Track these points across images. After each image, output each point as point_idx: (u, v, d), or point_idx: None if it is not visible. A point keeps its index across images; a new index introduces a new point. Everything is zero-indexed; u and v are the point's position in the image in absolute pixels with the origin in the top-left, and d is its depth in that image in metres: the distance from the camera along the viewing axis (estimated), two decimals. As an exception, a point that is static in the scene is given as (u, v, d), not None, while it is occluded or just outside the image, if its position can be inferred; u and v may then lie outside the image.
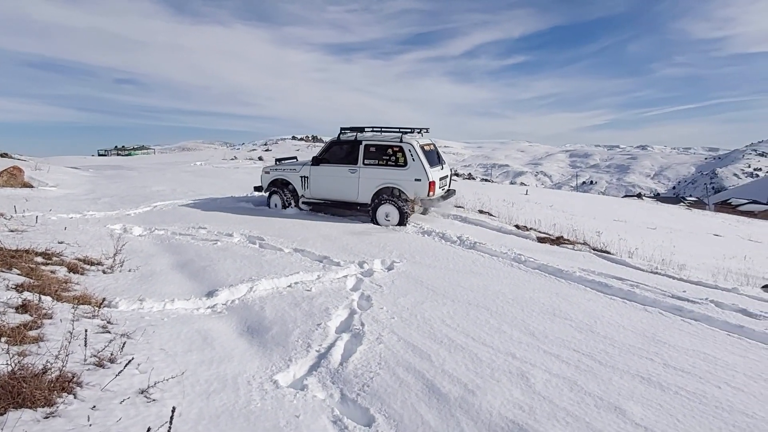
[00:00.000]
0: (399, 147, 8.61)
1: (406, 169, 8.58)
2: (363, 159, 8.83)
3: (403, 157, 8.58)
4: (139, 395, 2.65)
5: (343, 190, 9.13)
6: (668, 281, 6.13)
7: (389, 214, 8.68)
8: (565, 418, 2.73)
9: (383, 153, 8.74)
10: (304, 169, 9.47)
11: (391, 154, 8.69)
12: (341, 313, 4.36)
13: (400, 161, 8.63)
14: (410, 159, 8.53)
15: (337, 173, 9.09)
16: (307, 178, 9.42)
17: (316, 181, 9.35)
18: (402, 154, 8.59)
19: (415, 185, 8.55)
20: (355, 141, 8.92)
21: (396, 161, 8.66)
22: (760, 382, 3.28)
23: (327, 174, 9.22)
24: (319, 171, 9.29)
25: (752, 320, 4.53)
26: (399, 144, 8.60)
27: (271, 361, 3.40)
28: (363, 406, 2.86)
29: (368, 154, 8.82)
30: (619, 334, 4.06)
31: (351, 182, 8.96)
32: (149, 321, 3.89)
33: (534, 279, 5.73)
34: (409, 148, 8.54)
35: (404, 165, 8.58)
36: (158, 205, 10.18)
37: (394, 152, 8.66)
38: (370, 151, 8.81)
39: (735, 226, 23.42)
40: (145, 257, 5.99)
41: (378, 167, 8.77)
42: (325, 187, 9.32)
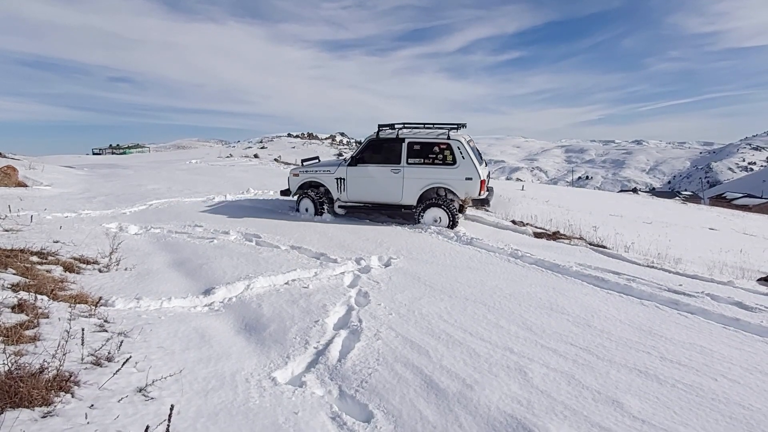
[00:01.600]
0: (446, 144, 8.12)
1: (456, 167, 8.10)
2: (407, 158, 8.26)
3: (451, 154, 8.10)
4: (138, 393, 2.64)
5: (385, 192, 8.50)
6: (664, 275, 6.15)
7: (439, 217, 8.26)
8: (563, 412, 2.74)
9: (429, 151, 8.21)
10: (339, 171, 8.72)
11: (437, 152, 8.18)
12: (339, 309, 4.36)
13: (447, 159, 8.14)
14: (459, 156, 8.07)
15: (378, 174, 8.45)
16: (344, 180, 8.68)
17: (354, 182, 8.64)
18: (450, 151, 8.11)
19: (466, 184, 8.11)
20: (397, 138, 8.32)
21: (443, 159, 8.16)
22: (756, 374, 3.30)
23: (366, 175, 8.53)
24: (357, 172, 8.59)
25: (748, 313, 4.55)
26: (446, 141, 8.12)
27: (269, 358, 3.40)
28: (361, 402, 2.86)
29: (412, 153, 8.25)
30: (616, 328, 4.08)
31: (394, 183, 8.37)
32: (146, 319, 3.88)
33: (531, 274, 5.74)
34: (458, 145, 8.08)
35: (453, 163, 8.11)
36: (154, 204, 10.15)
37: (441, 150, 8.16)
38: (414, 149, 8.25)
39: (730, 219, 23.53)
40: (141, 256, 5.97)
41: (424, 166, 8.24)
42: (365, 189, 8.64)
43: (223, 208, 9.74)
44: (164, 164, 22.82)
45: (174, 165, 22.00)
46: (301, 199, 9.15)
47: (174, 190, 12.50)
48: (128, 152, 57.09)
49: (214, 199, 11.04)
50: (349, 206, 8.89)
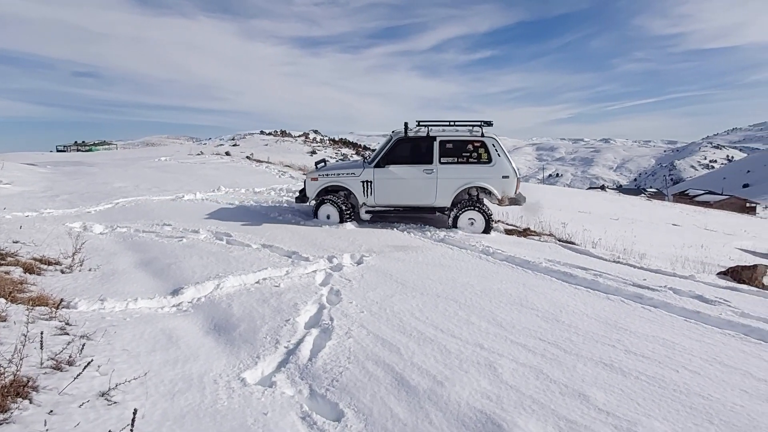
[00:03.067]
0: (481, 142, 7.91)
1: (492, 165, 7.92)
2: (439, 157, 7.96)
3: (486, 152, 7.92)
4: (100, 398, 2.56)
5: (417, 194, 8.12)
6: (630, 270, 6.32)
7: (475, 218, 8.05)
8: (531, 406, 2.78)
9: (463, 149, 7.95)
10: (366, 173, 8.17)
11: (471, 150, 7.95)
12: (310, 308, 4.33)
13: (483, 157, 7.94)
14: (495, 154, 7.90)
15: (409, 175, 8.04)
16: (371, 183, 8.14)
17: (383, 185, 8.13)
18: (485, 149, 7.91)
19: (503, 183, 7.96)
20: (428, 137, 7.98)
21: (478, 157, 7.95)
22: (715, 365, 3.42)
23: (396, 176, 8.07)
24: (385, 174, 8.09)
25: (708, 306, 4.71)
26: (481, 138, 7.92)
27: (238, 358, 3.35)
28: (332, 401, 2.85)
29: (445, 151, 7.95)
30: (583, 322, 4.16)
31: (427, 184, 8.02)
32: (110, 321, 3.77)
33: (502, 270, 5.82)
34: (493, 143, 7.92)
35: (488, 161, 7.92)
36: (120, 202, 9.89)
37: (475, 148, 7.93)
38: (447, 148, 7.95)
39: (692, 216, 24.36)
40: (106, 256, 5.81)
41: (459, 165, 7.96)
42: (395, 192, 8.15)
43: (192, 207, 9.55)
44: (132, 162, 22.24)
45: (142, 162, 21.46)
46: (320, 206, 8.40)
47: (142, 188, 12.20)
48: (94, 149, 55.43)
49: (184, 198, 10.83)
50: (376, 211, 8.40)
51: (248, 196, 11.79)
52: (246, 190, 12.62)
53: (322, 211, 8.40)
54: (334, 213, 8.32)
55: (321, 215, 8.41)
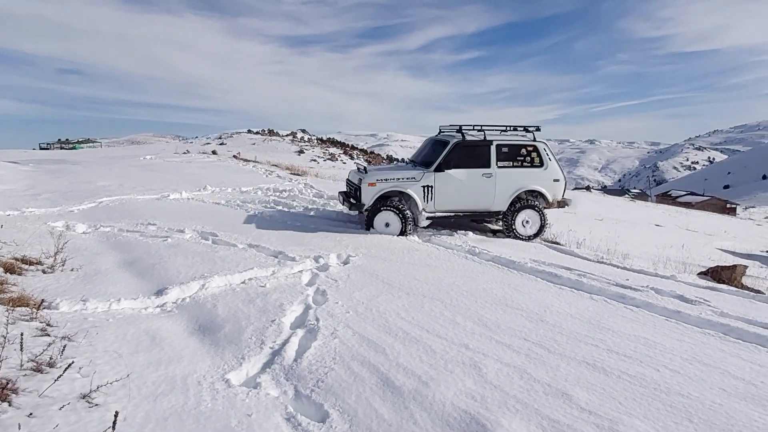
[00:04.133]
0: (533, 146, 8.05)
1: (545, 169, 8.08)
2: (497, 161, 7.94)
3: (539, 156, 8.06)
4: (81, 400, 2.53)
5: (475, 199, 7.98)
6: (613, 270, 6.41)
7: (530, 220, 8.17)
8: (515, 406, 2.81)
9: (517, 153, 8.02)
10: (426, 177, 7.77)
11: (525, 155, 8.05)
12: (296, 308, 4.32)
13: (535, 162, 8.07)
14: (546, 158, 8.07)
15: (469, 179, 7.86)
16: (431, 188, 7.78)
17: (444, 190, 7.82)
18: (537, 153, 8.06)
19: (554, 186, 8.16)
20: (485, 141, 7.92)
21: (531, 162, 8.07)
22: (695, 364, 3.48)
23: (456, 181, 7.82)
24: (445, 178, 7.79)
25: (688, 305, 4.80)
26: (533, 143, 8.05)
27: (223, 359, 3.33)
28: (317, 402, 2.84)
29: (501, 156, 7.95)
30: (567, 322, 4.21)
31: (486, 188, 7.92)
32: (93, 322, 3.72)
33: (487, 270, 5.85)
34: (544, 147, 8.08)
35: (540, 165, 8.07)
36: (104, 201, 9.76)
37: (528, 152, 8.05)
38: (503, 152, 7.96)
39: (674, 216, 24.74)
40: (89, 255, 5.73)
41: (514, 169, 8.00)
42: (454, 197, 7.90)
43: (178, 206, 9.46)
44: (116, 160, 21.94)
45: (127, 161, 21.19)
46: (378, 213, 7.70)
47: (126, 187, 12.04)
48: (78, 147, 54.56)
49: (169, 197, 10.71)
50: (437, 217, 8.01)
51: (235, 195, 11.72)
52: (233, 189, 12.54)
53: (381, 218, 7.72)
54: (395, 221, 7.69)
55: (378, 224, 7.73)
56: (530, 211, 8.12)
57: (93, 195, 10.39)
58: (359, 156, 37.65)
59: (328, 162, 31.80)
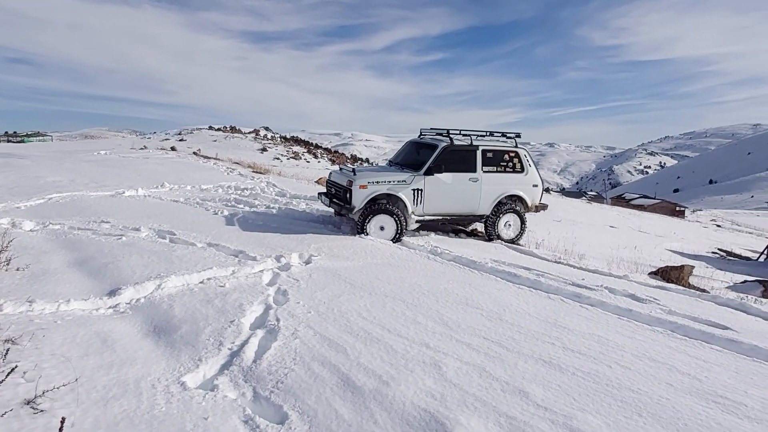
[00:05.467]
0: (515, 152, 8.31)
1: (526, 175, 8.37)
2: (482, 166, 8.09)
3: (520, 162, 8.32)
4: (25, 406, 2.41)
5: (462, 203, 8.11)
6: (569, 270, 6.60)
7: (511, 224, 8.44)
8: (474, 404, 2.85)
9: (500, 159, 8.24)
10: (417, 181, 7.72)
11: (507, 160, 8.28)
12: (256, 308, 4.24)
13: (517, 167, 8.33)
14: (527, 164, 8.34)
15: (457, 183, 7.96)
16: (421, 192, 7.76)
17: (433, 194, 7.83)
18: (518, 159, 8.32)
19: (533, 191, 8.46)
20: (471, 146, 8.07)
21: (513, 167, 8.32)
22: (645, 361, 3.63)
23: (444, 185, 7.87)
24: (436, 181, 7.81)
25: (639, 304, 4.99)
26: (515, 149, 8.32)
27: (179, 361, 3.23)
28: (276, 403, 2.80)
29: (486, 161, 8.13)
30: (525, 321, 4.31)
31: (472, 192, 8.07)
32: (39, 324, 3.55)
33: (449, 270, 5.92)
34: (525, 154, 8.36)
35: (522, 170, 8.35)
36: (54, 197, 9.31)
37: (510, 158, 8.29)
38: (488, 157, 8.15)
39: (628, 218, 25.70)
40: (36, 254, 5.46)
41: (498, 174, 8.22)
42: (442, 201, 7.95)
43: (134, 204, 9.15)
44: (68, 155, 21.00)
45: (79, 156, 20.32)
46: (372, 217, 7.44)
47: (78, 183, 11.54)
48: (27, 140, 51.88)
49: (125, 194, 10.34)
50: (425, 221, 8.02)
51: (194, 193, 11.42)
52: (192, 186, 12.21)
53: (375, 223, 7.47)
54: (390, 225, 7.51)
55: (372, 229, 7.46)
56: (512, 215, 8.39)
57: (42, 191, 9.91)
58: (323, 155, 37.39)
59: (291, 160, 31.44)
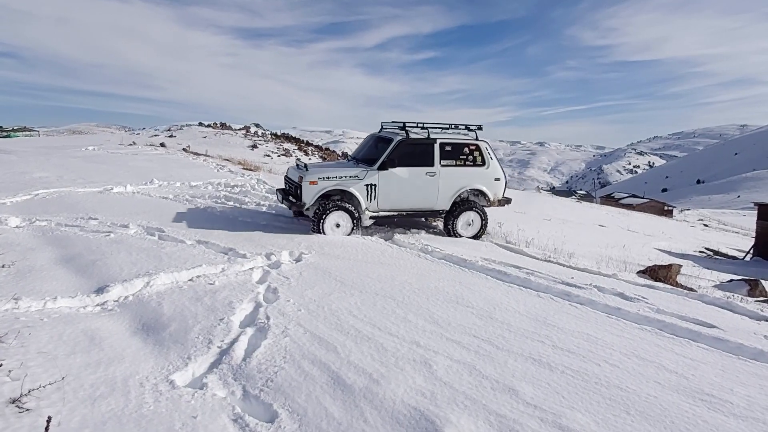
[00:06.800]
0: (476, 145, 7.99)
1: (487, 168, 8.07)
2: (439, 159, 7.79)
3: (481, 156, 8.02)
4: (10, 405, 2.38)
5: (419, 198, 7.82)
6: (559, 268, 6.63)
7: (473, 221, 8.16)
8: (464, 402, 2.86)
9: (460, 152, 7.92)
10: (370, 176, 7.46)
11: (467, 153, 7.97)
12: (246, 306, 4.22)
13: (478, 161, 8.02)
14: (488, 158, 8.04)
15: (414, 178, 7.68)
16: (375, 187, 7.49)
17: (388, 189, 7.57)
18: (479, 152, 8.01)
19: (495, 185, 8.18)
20: (429, 139, 7.75)
21: (474, 161, 8.01)
22: (633, 359, 3.66)
23: (400, 180, 7.60)
24: (390, 176, 7.54)
25: (628, 303, 5.03)
26: (475, 142, 8.00)
27: (167, 360, 3.21)
28: (266, 401, 2.79)
29: (444, 154, 7.82)
30: (515, 319, 4.33)
31: (429, 187, 7.79)
32: (25, 322, 3.51)
33: (439, 269, 5.93)
34: (486, 146, 8.06)
35: (483, 164, 8.05)
36: (41, 193, 9.20)
37: (470, 151, 7.98)
38: (446, 151, 7.83)
39: (617, 217, 25.93)
40: (22, 251, 5.39)
41: (457, 168, 7.92)
42: (398, 196, 7.68)
43: (122, 200, 9.06)
44: (56, 150, 20.74)
45: (67, 151, 20.07)
46: (328, 214, 7.19)
47: (66, 179, 11.40)
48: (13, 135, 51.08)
49: (113, 190, 10.23)
50: (380, 217, 7.73)
51: (184, 189, 11.33)
52: (181, 183, 12.11)
53: (331, 220, 7.23)
54: (346, 222, 7.33)
55: (328, 226, 7.22)
56: (472, 210, 8.14)
57: (28, 187, 9.78)
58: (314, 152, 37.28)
59: (282, 158, 31.28)
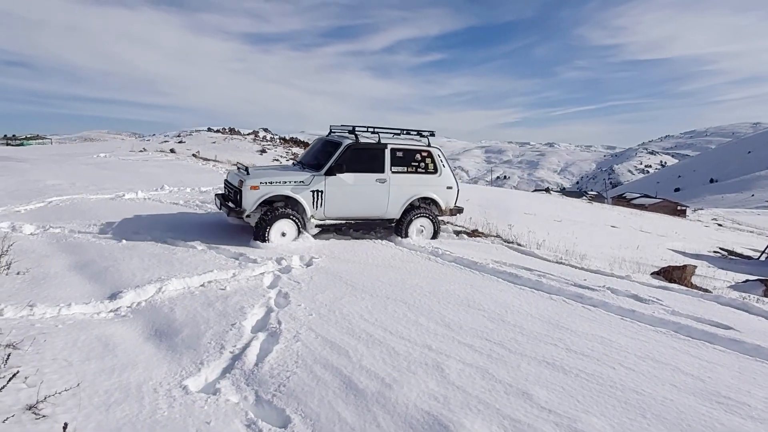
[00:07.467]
0: (428, 152, 7.71)
1: (439, 176, 7.79)
2: (390, 166, 7.42)
3: (433, 162, 7.73)
4: (26, 412, 2.40)
5: (368, 205, 7.42)
6: (571, 270, 6.58)
7: (424, 228, 7.80)
8: (477, 406, 2.84)
9: (411, 158, 7.60)
10: (316, 181, 6.99)
11: (419, 160, 7.66)
12: (257, 311, 4.23)
13: (429, 168, 7.73)
14: (440, 165, 7.77)
15: (362, 184, 7.27)
16: (322, 193, 7.04)
17: (335, 196, 7.12)
18: (431, 159, 7.71)
19: (447, 194, 7.91)
20: (379, 144, 7.38)
21: (426, 167, 7.71)
22: (648, 362, 3.61)
23: (348, 186, 7.18)
24: (337, 182, 7.09)
25: (642, 305, 4.98)
26: (428, 149, 7.72)
27: (180, 365, 3.22)
28: (278, 407, 2.79)
29: (395, 160, 7.46)
30: (527, 322, 4.29)
31: (379, 194, 7.40)
32: (40, 329, 3.54)
33: (450, 272, 5.91)
34: (438, 153, 7.77)
35: (435, 171, 7.76)
36: (54, 201, 9.31)
37: (423, 158, 7.67)
38: (398, 157, 7.49)
39: (629, 218, 25.69)
40: (37, 258, 5.45)
41: (409, 175, 7.58)
42: (346, 203, 7.26)
43: (133, 206, 9.13)
44: (68, 157, 21.00)
45: (79, 158, 20.32)
46: (273, 222, 6.66)
47: (78, 186, 11.53)
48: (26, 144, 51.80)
49: (124, 197, 10.33)
50: (326, 225, 7.28)
51: (194, 195, 11.41)
52: (192, 189, 12.20)
53: (276, 228, 6.73)
54: (292, 230, 6.86)
55: (274, 235, 6.71)
56: (424, 220, 7.78)
57: (42, 194, 9.90)
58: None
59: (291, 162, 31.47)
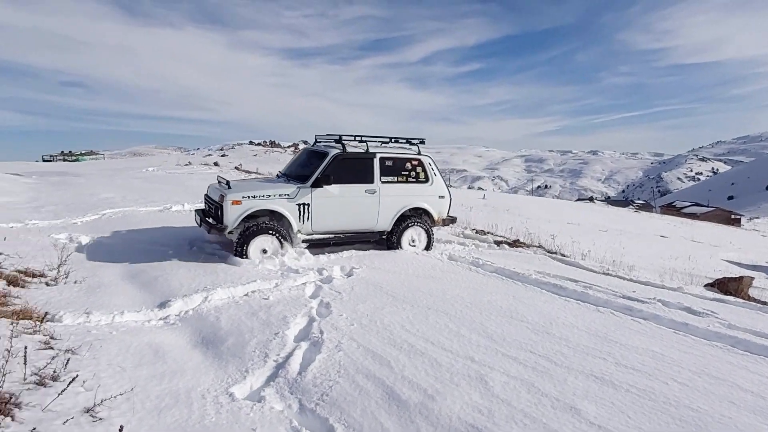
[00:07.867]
0: (418, 160, 7.45)
1: (431, 185, 7.52)
2: (380, 176, 7.13)
3: (424, 171, 7.47)
4: (84, 414, 2.51)
5: (358, 218, 7.11)
6: (619, 282, 6.36)
7: (415, 240, 7.53)
8: (523, 420, 2.77)
9: (402, 168, 7.33)
10: (302, 195, 6.61)
11: (410, 169, 7.39)
12: (300, 321, 4.29)
13: (420, 177, 7.46)
14: (431, 174, 7.52)
15: (351, 196, 6.96)
16: (308, 206, 6.67)
17: (322, 209, 6.77)
18: (422, 168, 7.45)
19: (440, 203, 7.64)
20: (367, 154, 7.08)
21: (416, 177, 7.44)
22: (703, 377, 3.44)
23: (335, 198, 6.84)
24: (324, 195, 6.72)
25: (696, 318, 4.75)
26: (418, 157, 7.46)
27: (226, 373, 3.30)
28: (322, 416, 2.81)
29: (385, 170, 7.18)
30: (573, 334, 4.17)
31: (369, 206, 7.09)
32: (96, 335, 3.70)
33: (491, 282, 5.82)
34: (429, 161, 7.52)
35: (426, 180, 7.49)
36: (107, 213, 9.76)
37: (413, 167, 7.41)
38: (387, 166, 7.20)
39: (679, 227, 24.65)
40: (92, 268, 5.72)
41: (399, 185, 7.29)
42: (334, 216, 6.92)
43: (180, 218, 9.47)
44: (119, 172, 22.06)
45: (129, 173, 21.30)
46: (253, 236, 6.28)
47: (129, 199, 12.07)
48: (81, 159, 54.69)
49: (172, 209, 10.73)
50: (314, 240, 6.90)
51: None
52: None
53: (257, 244, 6.32)
54: (274, 246, 6.45)
55: (253, 251, 6.29)
56: (417, 230, 7.52)
57: (96, 207, 10.41)
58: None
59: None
